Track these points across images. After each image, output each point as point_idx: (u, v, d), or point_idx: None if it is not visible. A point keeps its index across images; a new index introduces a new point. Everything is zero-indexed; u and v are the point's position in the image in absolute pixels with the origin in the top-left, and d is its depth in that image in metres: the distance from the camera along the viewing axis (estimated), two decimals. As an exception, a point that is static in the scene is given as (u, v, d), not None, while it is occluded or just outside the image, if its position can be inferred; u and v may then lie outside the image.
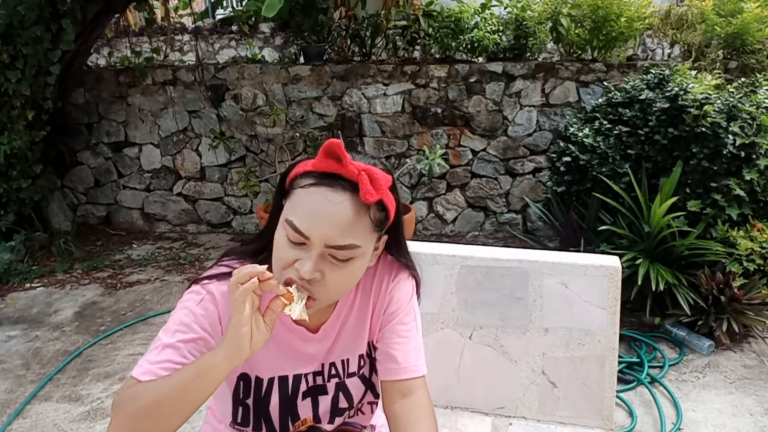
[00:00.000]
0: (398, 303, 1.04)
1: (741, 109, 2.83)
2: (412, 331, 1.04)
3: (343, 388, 1.07)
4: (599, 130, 3.27)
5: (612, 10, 3.75)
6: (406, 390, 0.99)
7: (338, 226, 0.86)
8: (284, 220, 0.89)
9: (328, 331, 1.04)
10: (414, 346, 1.03)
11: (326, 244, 0.86)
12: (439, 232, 4.35)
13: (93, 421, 2.32)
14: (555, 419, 1.58)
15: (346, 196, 0.86)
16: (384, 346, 1.03)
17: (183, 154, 4.44)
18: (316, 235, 0.86)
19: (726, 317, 2.67)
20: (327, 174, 0.87)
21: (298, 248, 0.88)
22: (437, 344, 1.61)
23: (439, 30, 4.01)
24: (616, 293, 1.49)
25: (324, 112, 4.18)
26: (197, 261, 3.95)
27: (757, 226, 2.84)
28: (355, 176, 0.86)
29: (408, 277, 1.08)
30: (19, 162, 3.79)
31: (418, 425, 0.96)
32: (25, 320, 3.18)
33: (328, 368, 1.06)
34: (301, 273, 0.86)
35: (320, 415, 1.07)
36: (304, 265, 0.86)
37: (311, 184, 0.88)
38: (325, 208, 0.86)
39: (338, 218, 0.86)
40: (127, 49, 4.79)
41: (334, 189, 0.86)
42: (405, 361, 1.01)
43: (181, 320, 0.92)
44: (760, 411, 2.31)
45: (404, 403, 0.98)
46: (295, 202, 0.89)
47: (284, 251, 0.89)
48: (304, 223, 0.86)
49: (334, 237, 0.86)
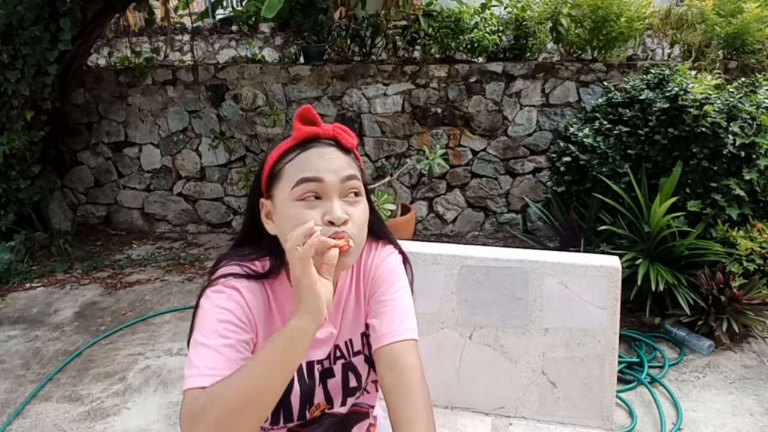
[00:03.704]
0: (382, 276, 1.05)
1: (741, 109, 2.83)
2: (397, 300, 1.03)
3: (350, 367, 1.07)
4: (599, 130, 3.27)
5: (612, 10, 3.75)
6: (391, 358, 0.96)
7: (342, 164, 0.94)
8: (291, 189, 0.92)
9: (333, 315, 1.06)
10: (399, 313, 1.01)
11: (341, 177, 0.93)
12: (439, 232, 4.35)
13: (93, 421, 2.32)
14: (555, 419, 1.58)
15: (333, 148, 0.96)
16: (371, 320, 1.03)
17: (182, 154, 4.44)
18: (329, 172, 0.92)
19: (726, 317, 2.67)
20: (307, 140, 0.96)
21: (316, 204, 0.92)
22: (437, 344, 1.61)
23: (439, 30, 4.01)
24: (616, 293, 1.49)
25: (324, 112, 4.18)
26: (197, 261, 3.95)
27: (757, 226, 2.84)
28: (331, 132, 0.96)
29: (391, 249, 1.10)
30: (18, 162, 3.79)
31: (406, 408, 0.92)
32: (25, 320, 3.18)
33: (333, 350, 1.07)
34: (335, 217, 0.91)
35: (332, 398, 1.07)
36: (334, 210, 0.91)
37: (298, 153, 0.95)
38: (323, 156, 0.94)
39: (338, 160, 0.95)
40: (127, 49, 4.80)
41: (320, 146, 0.95)
42: (386, 327, 0.99)
43: (219, 319, 0.92)
44: (760, 411, 2.31)
45: (392, 377, 0.95)
46: (293, 170, 0.94)
47: (305, 215, 0.91)
48: (314, 170, 0.92)
49: (344, 167, 0.94)
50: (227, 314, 0.92)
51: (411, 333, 1.00)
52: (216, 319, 0.91)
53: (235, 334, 0.91)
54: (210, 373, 0.85)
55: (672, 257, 2.84)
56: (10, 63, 3.60)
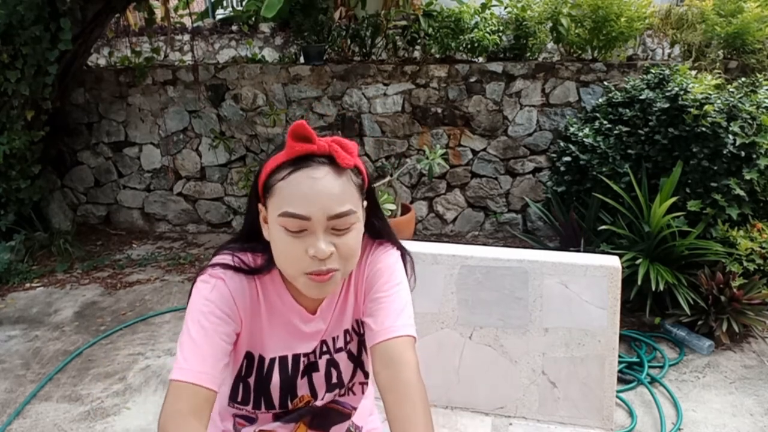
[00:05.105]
0: (378, 273, 1.04)
1: (741, 109, 2.83)
2: (393, 296, 1.02)
3: (333, 363, 1.09)
4: (599, 130, 3.27)
5: (612, 10, 3.75)
6: (387, 355, 0.95)
7: (332, 197, 0.89)
8: (277, 216, 0.90)
9: (325, 311, 1.06)
10: (394, 309, 1.00)
11: (328, 216, 0.89)
12: (439, 232, 4.35)
13: (93, 421, 2.32)
14: (555, 419, 1.58)
15: (327, 169, 0.90)
16: (366, 318, 1.03)
17: (182, 154, 4.44)
18: (316, 212, 0.88)
19: (726, 317, 2.67)
20: (300, 157, 0.91)
21: (302, 237, 0.90)
22: (437, 344, 1.61)
23: (439, 30, 4.01)
24: (616, 293, 1.49)
25: (324, 112, 4.18)
26: (197, 261, 3.95)
27: (757, 226, 2.84)
28: (327, 149, 0.90)
29: (389, 248, 1.08)
30: (18, 162, 3.79)
31: (402, 407, 0.91)
32: (25, 320, 3.18)
33: (320, 346, 1.08)
34: (317, 254, 0.89)
35: (317, 392, 1.09)
36: (318, 246, 0.89)
37: (290, 172, 0.90)
38: (314, 186, 0.89)
39: (329, 190, 0.89)
40: (127, 49, 4.79)
41: (313, 167, 0.90)
42: (380, 325, 0.98)
43: (202, 311, 0.95)
44: (760, 411, 2.31)
45: (388, 375, 0.94)
46: (282, 195, 0.90)
47: (290, 246, 0.90)
48: (301, 206, 0.88)
49: (333, 206, 0.89)
50: (210, 306, 0.95)
51: (407, 329, 0.98)
52: (199, 311, 0.95)
53: (216, 325, 0.94)
54: (186, 367, 0.90)
55: (672, 257, 2.83)
56: (10, 63, 3.60)
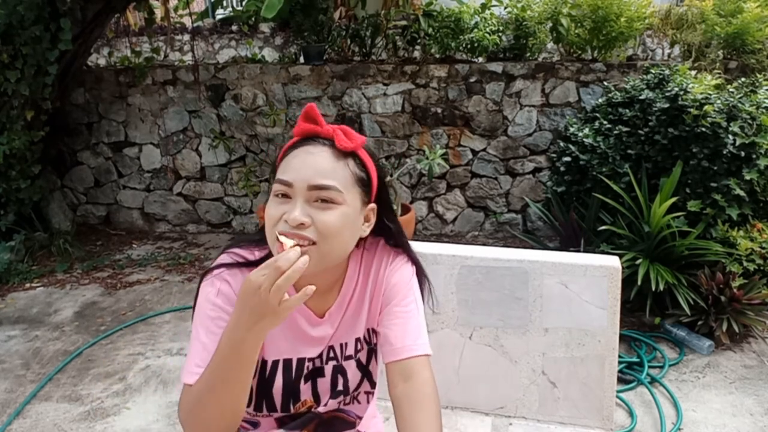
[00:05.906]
0: (396, 287, 1.06)
1: (741, 109, 2.83)
2: (411, 313, 1.04)
3: (340, 370, 1.09)
4: (599, 130, 3.27)
5: (612, 10, 3.75)
6: (406, 372, 0.99)
7: (317, 168, 0.93)
8: (273, 185, 0.95)
9: (333, 316, 1.07)
10: (412, 327, 1.03)
11: (308, 185, 0.92)
12: (439, 232, 4.35)
13: (93, 421, 2.32)
14: (555, 419, 1.58)
15: (325, 149, 0.95)
16: (382, 329, 1.05)
17: (182, 154, 4.44)
18: (298, 179, 0.92)
19: (726, 317, 2.67)
20: (306, 137, 0.97)
21: (285, 203, 0.93)
22: (437, 344, 1.60)
23: (439, 30, 4.01)
24: (616, 293, 1.49)
25: (324, 111, 4.18)
26: (197, 261, 3.95)
27: (757, 226, 2.84)
28: (331, 132, 0.96)
29: (406, 261, 1.10)
30: (18, 162, 3.79)
31: (417, 415, 0.95)
32: (25, 320, 3.18)
33: (327, 351, 1.08)
34: (289, 219, 0.91)
35: (320, 397, 1.09)
36: (292, 212, 0.91)
37: (293, 147, 0.97)
38: (306, 158, 0.94)
39: (317, 162, 0.94)
40: (127, 49, 4.79)
41: (313, 145, 0.96)
42: (400, 341, 1.01)
43: (209, 315, 0.96)
44: (760, 411, 2.31)
45: (405, 388, 0.97)
46: (281, 166, 0.97)
47: (272, 208, 0.94)
48: (288, 173, 0.93)
49: (314, 177, 0.92)
50: (216, 310, 0.96)
51: (425, 348, 1.02)
52: (206, 315, 0.96)
53: (223, 330, 0.94)
54: (196, 371, 0.91)
55: (672, 257, 2.83)
56: (10, 63, 3.60)
